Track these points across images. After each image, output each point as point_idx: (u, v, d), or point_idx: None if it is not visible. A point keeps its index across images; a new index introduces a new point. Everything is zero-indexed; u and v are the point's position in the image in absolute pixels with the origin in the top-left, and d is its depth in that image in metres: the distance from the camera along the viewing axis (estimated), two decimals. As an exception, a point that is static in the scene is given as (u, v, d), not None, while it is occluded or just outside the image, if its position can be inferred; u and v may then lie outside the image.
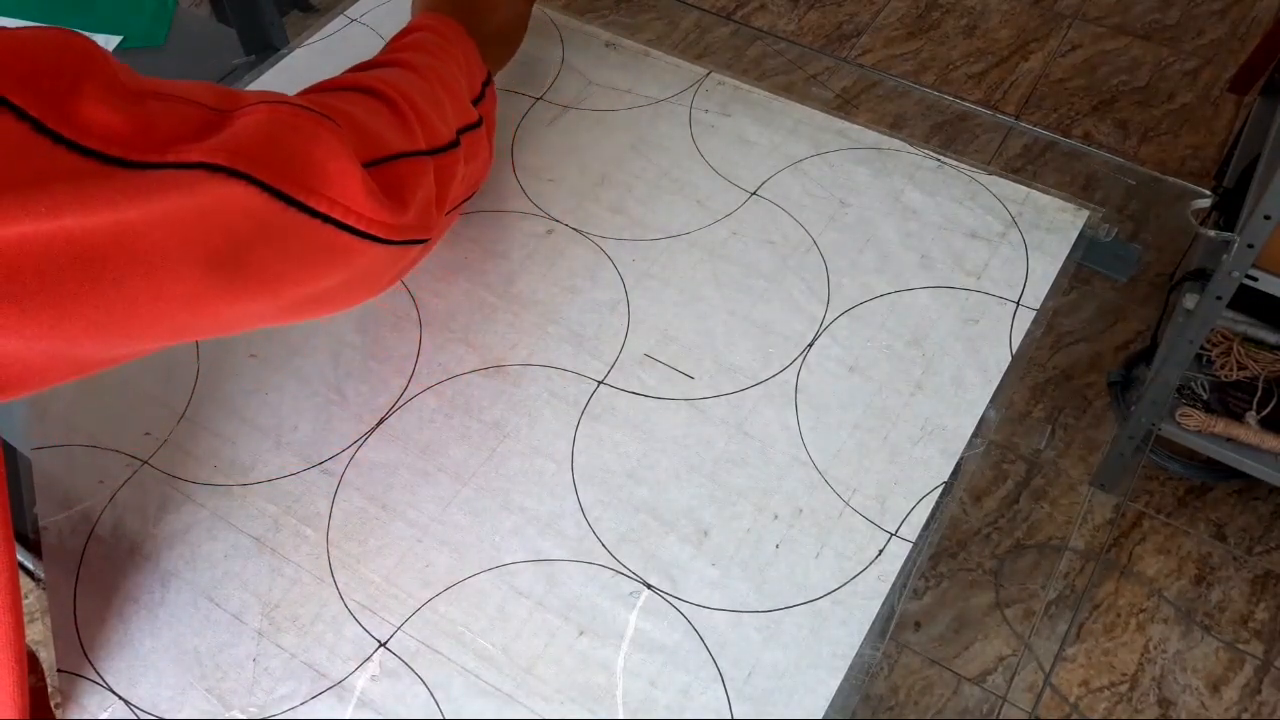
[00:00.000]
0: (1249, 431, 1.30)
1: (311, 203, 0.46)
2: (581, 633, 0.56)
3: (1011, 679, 1.33)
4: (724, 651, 0.55)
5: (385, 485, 0.62)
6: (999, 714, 1.30)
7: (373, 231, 0.50)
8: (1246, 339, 1.32)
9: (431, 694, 0.55)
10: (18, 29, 0.37)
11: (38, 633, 0.59)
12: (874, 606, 0.56)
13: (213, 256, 0.42)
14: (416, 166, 0.55)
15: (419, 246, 0.56)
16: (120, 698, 0.56)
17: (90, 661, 0.57)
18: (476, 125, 0.63)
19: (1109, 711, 1.30)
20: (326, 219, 0.47)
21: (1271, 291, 1.15)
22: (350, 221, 0.48)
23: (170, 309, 0.42)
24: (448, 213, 0.61)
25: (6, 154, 0.35)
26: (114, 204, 0.38)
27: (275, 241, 0.45)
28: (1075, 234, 0.71)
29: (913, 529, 0.59)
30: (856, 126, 0.78)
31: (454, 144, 0.59)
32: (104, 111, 0.39)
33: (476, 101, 0.65)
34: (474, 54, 0.67)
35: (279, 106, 0.46)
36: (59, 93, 0.37)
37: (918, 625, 1.38)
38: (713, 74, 0.82)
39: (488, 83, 0.67)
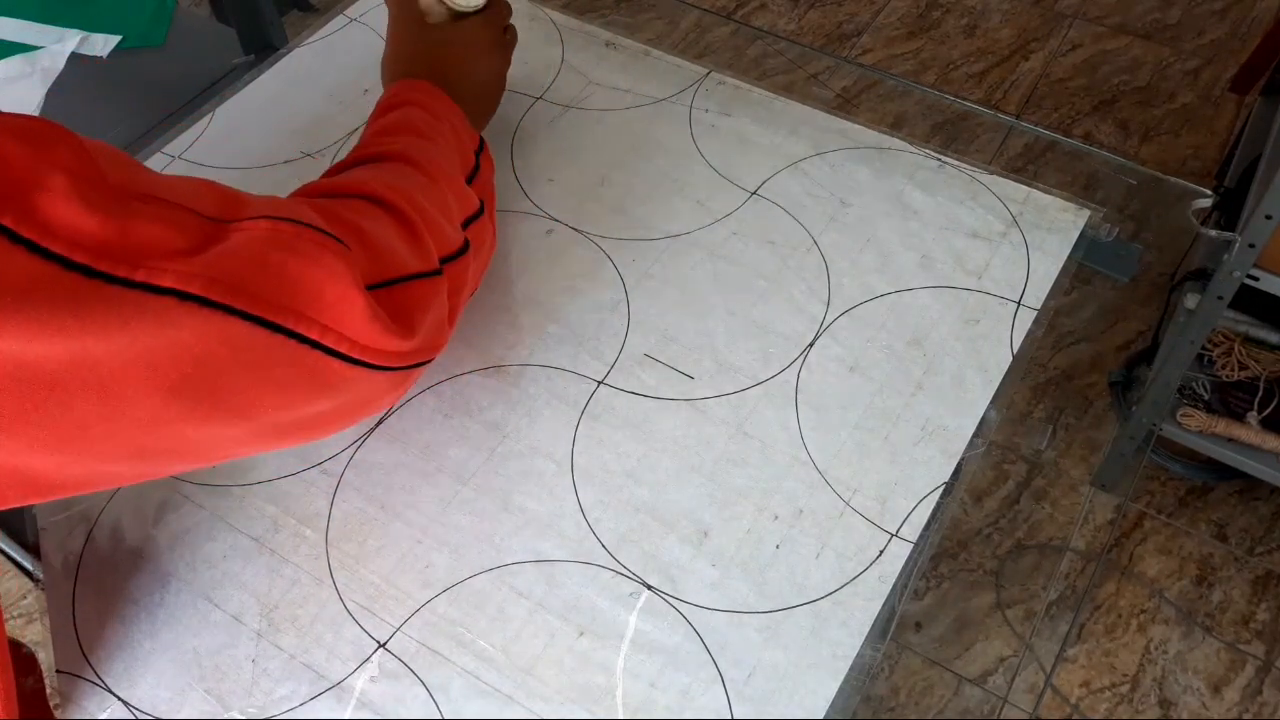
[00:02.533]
0: (1250, 432, 1.29)
1: (300, 329, 0.42)
2: (581, 633, 0.56)
3: (1012, 680, 1.33)
4: (724, 652, 0.55)
5: (385, 485, 0.62)
6: (1000, 715, 1.30)
7: (371, 360, 0.46)
8: (1248, 339, 1.32)
9: (431, 695, 0.55)
10: None
11: (37, 633, 0.59)
12: (874, 607, 0.56)
13: (180, 384, 0.39)
14: (429, 288, 0.51)
15: (424, 366, 0.53)
16: (119, 698, 0.56)
17: (89, 662, 0.57)
18: (479, 214, 0.60)
19: (1110, 712, 1.30)
20: (316, 345, 0.43)
21: (1273, 291, 1.15)
22: (343, 349, 0.45)
23: (127, 431, 0.39)
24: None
25: None
26: (65, 330, 0.34)
27: (255, 368, 0.42)
28: (1076, 234, 0.71)
29: (913, 529, 0.59)
30: (857, 126, 0.78)
31: (464, 248, 0.56)
32: (73, 211, 0.35)
33: (473, 174, 0.62)
34: (463, 122, 0.64)
35: (281, 224, 0.43)
36: (21, 185, 0.33)
37: (918, 626, 1.37)
38: (713, 74, 0.82)
39: (481, 150, 0.65)
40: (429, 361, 0.53)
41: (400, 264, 0.50)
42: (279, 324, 0.41)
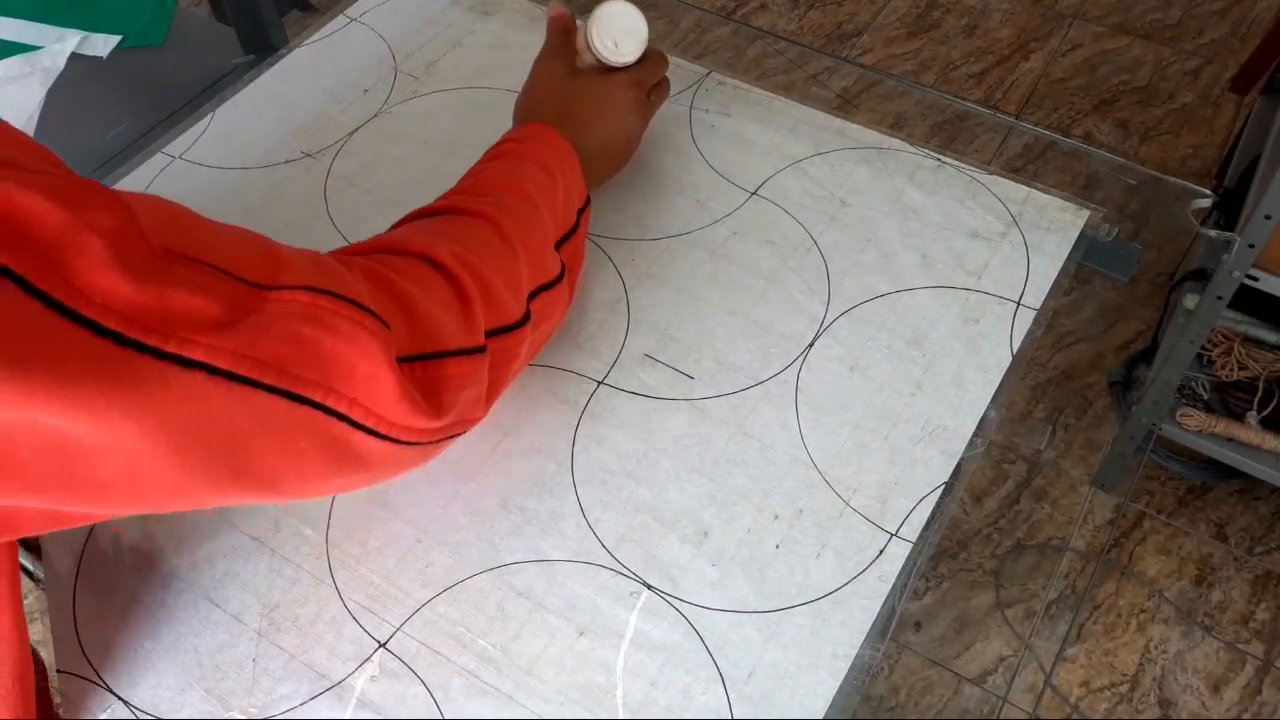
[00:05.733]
0: (1249, 431, 1.29)
1: (329, 402, 0.42)
2: (581, 633, 0.56)
3: (1012, 679, 1.33)
4: (724, 652, 0.55)
5: (385, 485, 0.62)
6: (999, 714, 1.30)
7: (398, 436, 0.46)
8: (1247, 339, 1.32)
9: (431, 694, 0.55)
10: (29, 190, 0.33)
11: (38, 633, 0.59)
12: (874, 607, 0.56)
13: (206, 458, 0.39)
14: (468, 366, 0.50)
15: (455, 438, 0.53)
16: (120, 698, 0.56)
17: (90, 662, 0.57)
18: (557, 280, 0.59)
19: (1109, 712, 1.30)
20: (343, 418, 0.43)
21: (1272, 291, 1.15)
22: (370, 423, 0.44)
23: (149, 494, 0.39)
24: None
25: None
26: (91, 408, 0.34)
27: (280, 439, 0.42)
28: (1076, 234, 0.71)
29: (913, 529, 0.59)
30: (856, 126, 0.78)
31: (521, 321, 0.55)
32: (109, 275, 0.34)
33: (569, 234, 0.61)
34: (577, 178, 0.63)
35: (320, 298, 0.42)
36: (58, 248, 0.33)
37: (918, 625, 1.38)
38: (713, 74, 0.82)
39: (584, 208, 0.64)
40: (460, 434, 0.53)
41: (444, 338, 0.49)
42: (306, 396, 0.41)
